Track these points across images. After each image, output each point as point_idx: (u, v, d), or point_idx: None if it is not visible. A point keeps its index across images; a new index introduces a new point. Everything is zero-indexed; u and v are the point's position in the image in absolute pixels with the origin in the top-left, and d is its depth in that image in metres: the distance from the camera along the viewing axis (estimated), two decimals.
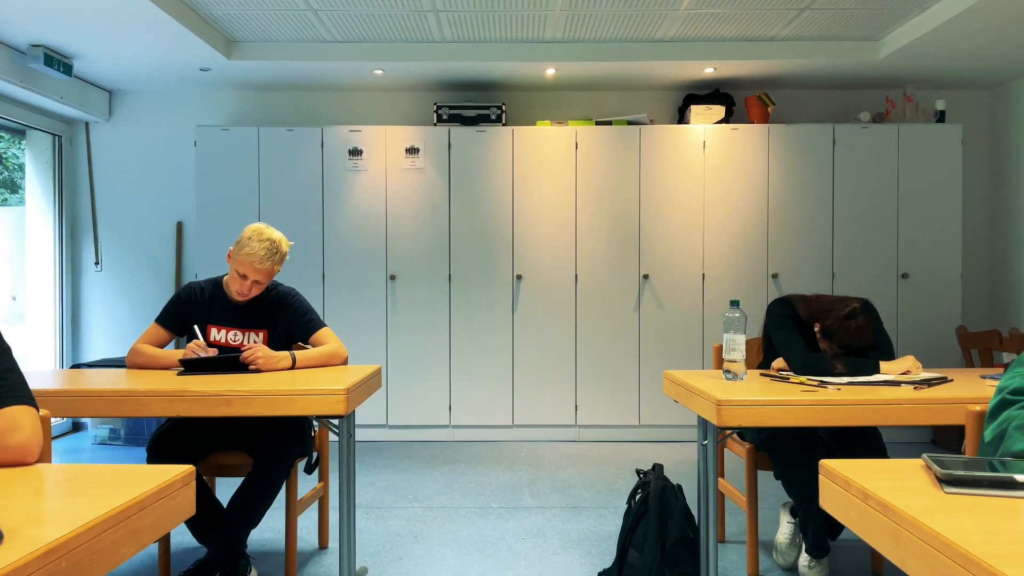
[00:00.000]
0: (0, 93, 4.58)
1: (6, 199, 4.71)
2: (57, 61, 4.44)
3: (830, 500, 1.33)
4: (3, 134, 4.42)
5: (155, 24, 4.00)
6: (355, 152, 4.95)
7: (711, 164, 4.95)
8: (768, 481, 3.80)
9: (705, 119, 5.00)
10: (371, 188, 4.97)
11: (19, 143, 4.74)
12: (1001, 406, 1.49)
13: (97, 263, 5.40)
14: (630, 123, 5.04)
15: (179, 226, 5.38)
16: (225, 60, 4.60)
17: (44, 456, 1.41)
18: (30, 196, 5.29)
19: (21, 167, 5.11)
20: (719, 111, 5.01)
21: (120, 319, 5.40)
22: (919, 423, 2.20)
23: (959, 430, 3.95)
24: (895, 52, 4.53)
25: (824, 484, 1.35)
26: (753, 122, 5.06)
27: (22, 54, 4.37)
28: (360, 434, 4.98)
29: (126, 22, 3.97)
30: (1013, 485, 1.14)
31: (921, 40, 4.31)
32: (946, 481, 1.18)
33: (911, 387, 2.32)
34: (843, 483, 1.27)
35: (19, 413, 1.33)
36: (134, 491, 1.15)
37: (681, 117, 5.21)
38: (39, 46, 4.31)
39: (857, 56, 4.68)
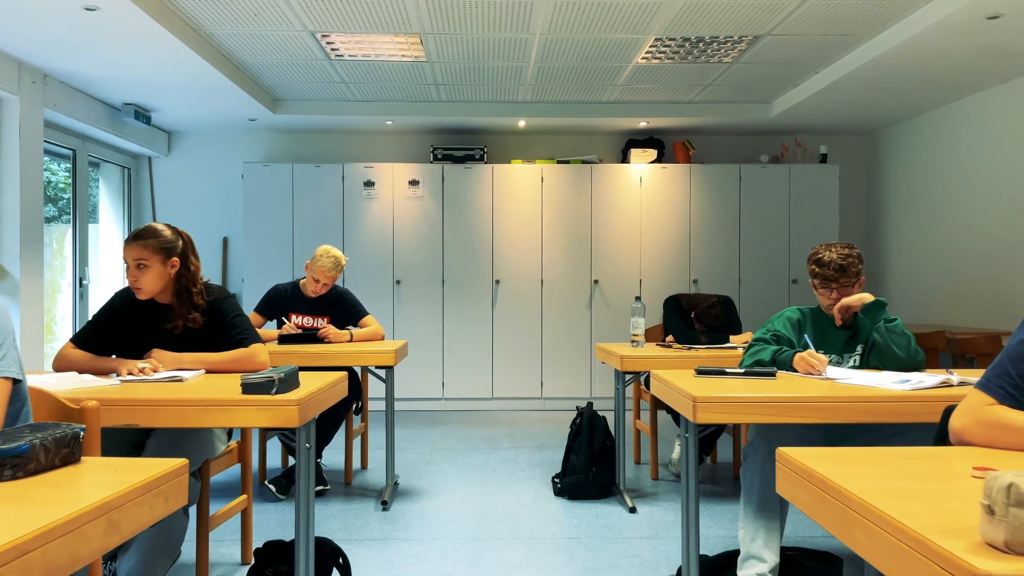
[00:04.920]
0: (92, 137, 5.87)
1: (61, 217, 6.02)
2: (141, 114, 5.76)
3: (656, 388, 2.74)
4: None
5: (222, 89, 5.32)
6: (369, 184, 6.31)
7: (646, 194, 6.39)
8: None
9: (642, 160, 6.44)
10: (381, 212, 6.33)
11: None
12: (750, 346, 2.91)
13: None
14: (584, 162, 6.46)
15: (225, 241, 6.70)
16: (271, 114, 5.95)
17: None
18: (103, 216, 6.57)
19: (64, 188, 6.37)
20: (652, 153, 6.46)
21: None
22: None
23: None
24: (784, 111, 6.00)
25: (653, 382, 2.76)
26: (679, 162, 6.52)
27: (117, 110, 5.68)
28: (371, 404, 6.32)
29: (201, 87, 5.28)
30: (723, 373, 2.56)
31: (802, 103, 5.76)
32: (697, 373, 2.59)
33: (742, 349, 3.75)
34: (658, 379, 2.69)
35: (258, 346, 2.69)
36: (329, 379, 2.52)
37: (624, 157, 6.65)
38: (131, 104, 5.63)
39: (754, 114, 6.15)
